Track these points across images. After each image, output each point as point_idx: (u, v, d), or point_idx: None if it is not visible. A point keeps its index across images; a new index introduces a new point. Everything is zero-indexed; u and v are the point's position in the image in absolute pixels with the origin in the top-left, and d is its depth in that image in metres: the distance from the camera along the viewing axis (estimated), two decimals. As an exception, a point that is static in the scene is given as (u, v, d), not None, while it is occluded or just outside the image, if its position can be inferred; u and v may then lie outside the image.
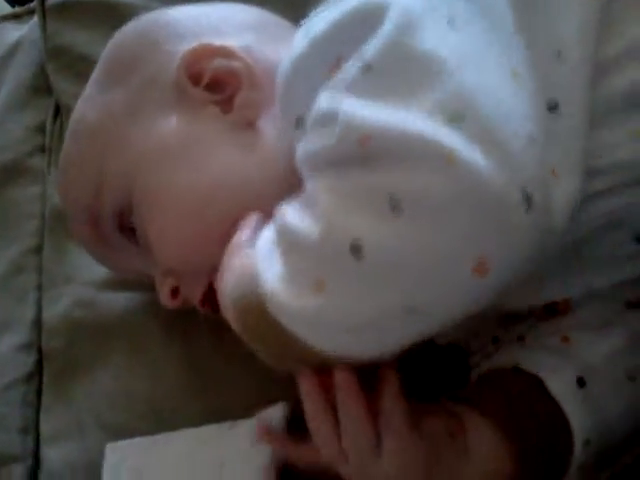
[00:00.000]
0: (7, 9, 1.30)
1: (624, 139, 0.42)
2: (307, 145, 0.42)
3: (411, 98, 0.38)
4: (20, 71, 0.87)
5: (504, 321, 0.54)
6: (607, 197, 0.43)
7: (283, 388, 0.53)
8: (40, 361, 0.69)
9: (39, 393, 0.68)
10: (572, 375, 0.48)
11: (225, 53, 0.53)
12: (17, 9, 1.00)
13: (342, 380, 0.44)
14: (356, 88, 0.40)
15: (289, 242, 0.41)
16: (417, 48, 0.39)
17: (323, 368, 0.45)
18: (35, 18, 0.87)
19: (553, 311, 0.51)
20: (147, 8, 0.76)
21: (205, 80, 0.53)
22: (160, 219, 0.53)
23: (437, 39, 0.40)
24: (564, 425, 0.47)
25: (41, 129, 0.83)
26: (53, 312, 0.70)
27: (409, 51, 0.39)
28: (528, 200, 0.36)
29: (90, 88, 0.59)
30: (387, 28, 0.40)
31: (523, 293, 0.47)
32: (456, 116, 0.37)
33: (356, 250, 0.37)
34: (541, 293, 0.49)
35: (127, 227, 0.56)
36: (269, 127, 0.53)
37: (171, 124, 0.53)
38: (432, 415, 0.48)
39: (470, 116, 0.37)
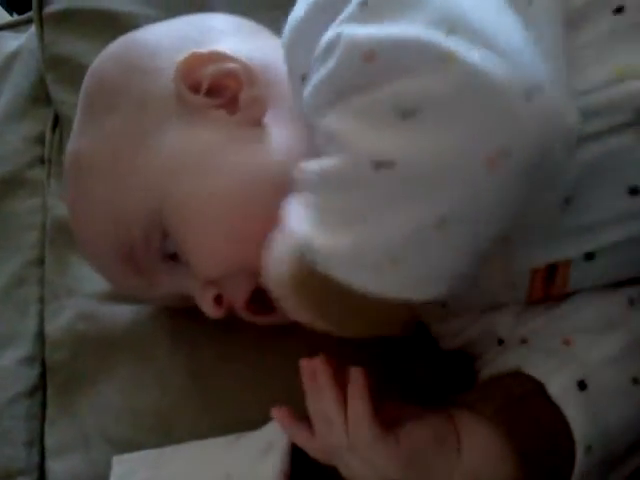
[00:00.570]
0: (6, 17, 1.30)
1: (612, 76, 0.43)
2: (312, 81, 0.42)
3: (406, 17, 0.39)
4: (18, 81, 0.87)
5: (508, 320, 0.54)
6: (599, 140, 0.43)
7: (290, 399, 0.54)
8: (44, 374, 0.69)
9: (43, 406, 0.68)
10: (573, 378, 0.48)
11: (217, 57, 0.53)
12: (15, 18, 0.99)
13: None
14: (354, 17, 0.41)
15: (312, 182, 0.42)
16: None
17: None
18: (33, 27, 0.87)
19: (552, 280, 0.50)
20: (145, 17, 0.77)
21: (204, 87, 0.53)
22: (196, 232, 0.52)
23: None
24: (566, 430, 0.47)
25: (40, 140, 0.83)
26: (56, 325, 0.69)
27: None
28: (528, 92, 0.37)
29: (79, 125, 0.58)
30: None
31: (526, 252, 0.48)
32: (451, 29, 0.38)
33: (381, 166, 0.38)
34: (542, 252, 0.49)
35: (163, 250, 0.55)
36: (277, 122, 0.53)
37: (181, 137, 0.53)
38: (420, 422, 0.48)
39: (463, 28, 0.38)
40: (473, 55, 0.37)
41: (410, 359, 0.57)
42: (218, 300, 0.55)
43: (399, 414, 0.49)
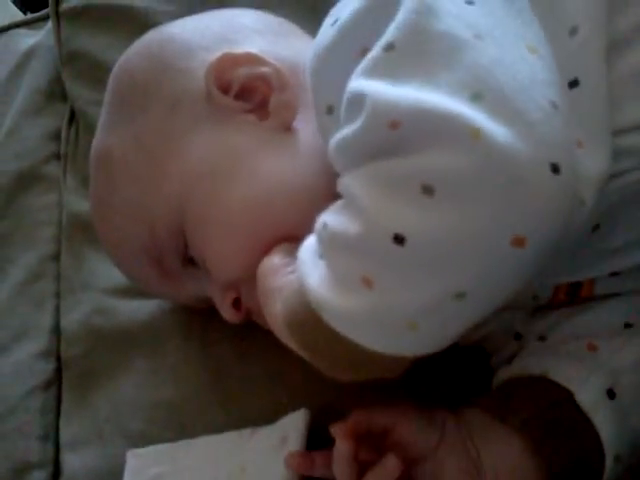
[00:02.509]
0: (19, 16, 1.31)
1: None
2: (338, 136, 0.41)
3: (432, 78, 0.38)
4: (35, 77, 0.87)
5: (526, 315, 0.54)
6: (630, 174, 0.43)
7: (304, 394, 0.54)
8: (59, 368, 0.69)
9: (59, 400, 0.68)
10: (602, 387, 0.48)
11: (250, 59, 0.53)
12: (30, 15, 1.00)
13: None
14: (378, 67, 0.40)
15: (330, 242, 0.41)
16: (435, 27, 0.40)
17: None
18: (49, 24, 0.87)
19: (576, 295, 0.50)
20: (163, 12, 0.77)
21: (235, 89, 0.52)
22: (214, 232, 0.52)
23: (454, 16, 0.40)
24: (594, 438, 0.46)
25: (57, 136, 0.83)
26: (71, 319, 0.70)
27: (428, 30, 0.40)
28: (554, 168, 0.36)
29: (108, 120, 0.57)
30: (405, 9, 0.40)
31: (549, 271, 0.47)
32: (477, 94, 0.37)
33: (399, 240, 0.37)
34: (567, 271, 0.49)
35: (186, 255, 0.55)
36: (306, 126, 0.52)
37: (208, 140, 0.52)
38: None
39: (490, 92, 0.37)
40: (497, 130, 0.36)
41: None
42: (237, 304, 0.55)
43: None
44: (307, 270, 0.42)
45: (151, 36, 0.59)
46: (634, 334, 0.50)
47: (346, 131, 0.40)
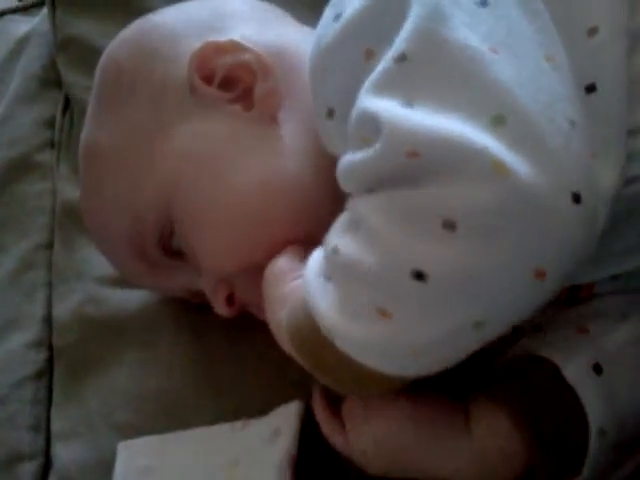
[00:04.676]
0: (13, 1, 1.30)
1: None
2: (350, 157, 0.40)
3: (450, 97, 0.37)
4: (30, 64, 0.86)
5: None
6: (638, 183, 0.42)
7: (297, 386, 0.53)
8: (51, 358, 0.69)
9: (50, 391, 0.67)
10: (588, 362, 0.47)
11: (233, 47, 0.52)
12: (25, 1, 0.99)
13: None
14: (391, 83, 0.39)
15: (342, 270, 0.40)
16: (449, 37, 0.39)
17: None
18: (44, 10, 0.87)
19: (575, 297, 0.51)
20: (158, 0, 0.76)
21: (217, 78, 0.52)
22: (206, 227, 0.51)
23: (468, 25, 0.39)
24: (579, 413, 0.46)
25: (51, 123, 0.82)
26: (64, 309, 0.69)
27: (442, 40, 0.39)
28: (575, 197, 0.36)
29: (95, 114, 0.57)
30: (416, 13, 0.39)
31: None
32: (497, 118, 0.36)
33: (418, 275, 0.36)
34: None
35: (172, 247, 0.54)
36: (292, 116, 0.52)
37: (194, 131, 0.52)
38: (432, 402, 0.48)
39: (511, 116, 0.37)
40: (521, 165, 0.35)
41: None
42: (230, 299, 0.54)
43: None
44: (314, 292, 0.42)
45: (137, 25, 0.59)
46: (626, 320, 0.50)
47: (360, 155, 0.39)
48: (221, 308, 0.54)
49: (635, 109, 0.41)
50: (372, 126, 0.38)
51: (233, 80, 0.52)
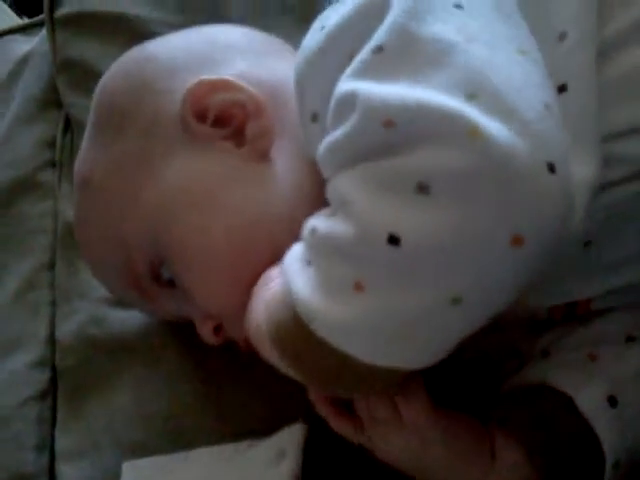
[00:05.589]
0: (16, 21, 1.30)
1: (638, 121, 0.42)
2: (329, 139, 0.40)
3: (424, 77, 0.38)
4: (30, 84, 0.86)
5: (527, 334, 0.53)
6: (620, 186, 0.43)
7: (302, 406, 0.53)
8: (54, 378, 0.69)
9: (54, 410, 0.68)
10: (603, 393, 0.47)
11: (226, 86, 0.52)
12: (26, 21, 0.99)
13: None
14: (369, 69, 0.39)
15: (320, 247, 0.40)
16: (425, 30, 0.39)
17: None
18: (44, 30, 0.87)
19: (573, 313, 0.50)
20: (159, 21, 0.76)
21: (211, 116, 0.52)
22: (197, 268, 0.51)
23: (444, 21, 0.40)
24: (594, 444, 0.46)
25: (51, 143, 0.82)
26: (67, 329, 0.69)
27: (417, 33, 0.39)
28: (550, 167, 0.36)
29: (89, 145, 0.57)
30: (394, 13, 0.40)
31: (544, 291, 0.47)
32: (471, 95, 0.37)
33: (392, 240, 0.36)
34: (561, 291, 0.49)
35: (162, 278, 0.54)
36: (284, 153, 0.52)
37: (184, 168, 0.51)
38: (463, 418, 0.48)
39: (484, 92, 0.37)
40: (494, 127, 0.35)
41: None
42: (217, 330, 0.54)
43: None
44: (293, 278, 0.41)
45: (133, 54, 0.58)
46: (634, 345, 0.50)
47: (337, 133, 0.39)
48: (208, 337, 0.55)
49: (611, 112, 0.42)
50: (349, 103, 0.39)
51: (225, 118, 0.52)
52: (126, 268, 0.54)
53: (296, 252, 0.42)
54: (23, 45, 0.92)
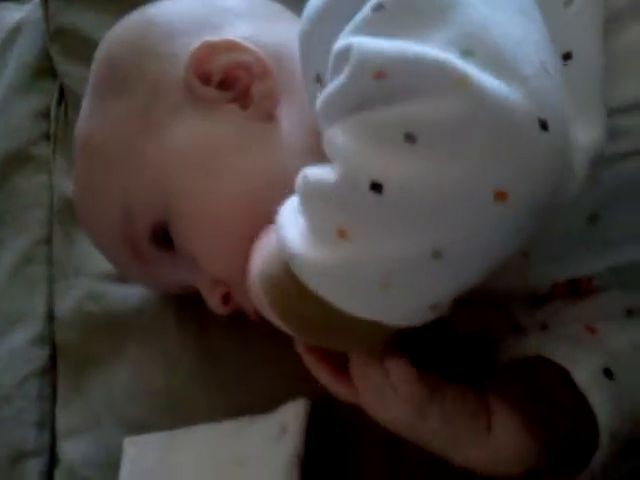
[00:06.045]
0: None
1: None
2: (324, 92, 0.41)
3: (422, 34, 0.38)
4: (23, 53, 0.85)
5: (526, 307, 0.53)
6: (627, 160, 0.42)
7: (304, 381, 0.52)
8: (54, 355, 0.68)
9: (54, 387, 0.67)
10: (598, 366, 0.47)
11: (230, 47, 0.52)
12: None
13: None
14: (368, 26, 0.39)
15: (307, 193, 0.40)
16: None
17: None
18: (37, -2, 0.85)
19: (575, 290, 0.50)
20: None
21: (216, 79, 0.52)
22: (206, 230, 0.51)
23: None
24: (590, 416, 0.46)
25: (46, 114, 0.81)
26: (65, 305, 0.69)
27: None
28: (543, 124, 0.35)
29: (89, 107, 0.57)
30: None
31: (547, 268, 0.48)
32: (467, 50, 0.36)
33: (376, 187, 0.36)
34: (564, 268, 0.48)
35: (164, 242, 0.54)
36: (289, 114, 0.52)
37: (190, 130, 0.52)
38: (459, 390, 0.47)
39: (481, 48, 0.37)
40: (486, 80, 0.35)
41: (426, 340, 0.56)
42: (225, 298, 0.54)
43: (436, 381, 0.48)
44: (285, 227, 0.41)
45: (133, 19, 0.58)
46: (633, 319, 0.49)
47: (331, 85, 0.40)
48: (217, 306, 0.54)
49: (618, 84, 0.41)
50: (343, 57, 0.39)
51: (230, 79, 0.52)
52: (128, 234, 0.54)
53: (290, 203, 0.43)
54: (15, 13, 0.91)
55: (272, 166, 0.51)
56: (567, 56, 0.41)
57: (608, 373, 0.47)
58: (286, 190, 0.43)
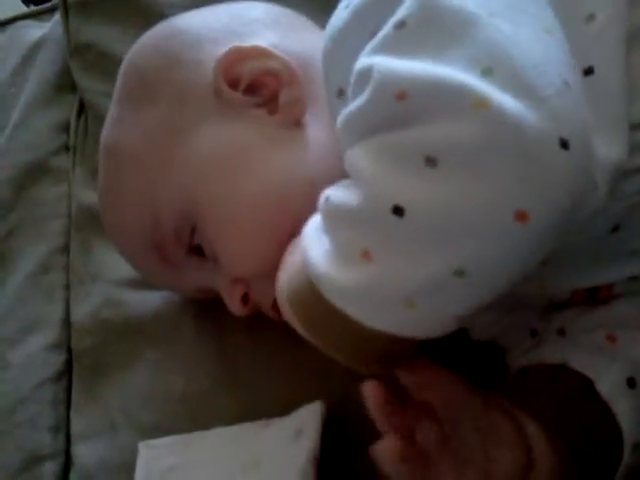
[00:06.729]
0: (22, 9, 1.30)
1: None
2: (345, 111, 0.41)
3: (443, 53, 0.38)
4: (43, 69, 0.87)
5: (544, 313, 0.53)
6: None
7: (319, 385, 0.53)
8: (70, 360, 0.69)
9: (69, 392, 0.68)
10: (622, 376, 0.47)
11: (259, 53, 0.53)
12: (39, 7, 0.99)
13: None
14: (389, 44, 0.40)
15: (331, 215, 0.41)
16: (447, 3, 0.39)
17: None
18: (57, 16, 0.87)
19: (594, 298, 0.50)
20: (171, 4, 0.76)
21: (243, 84, 0.52)
22: (230, 232, 0.52)
23: None
24: (613, 427, 0.46)
25: (65, 127, 0.83)
26: (82, 311, 0.70)
27: (439, 6, 0.39)
28: (563, 143, 0.35)
29: (117, 113, 0.57)
30: None
31: (566, 277, 0.48)
32: (487, 69, 0.37)
33: (398, 211, 0.37)
34: (583, 277, 0.49)
35: (191, 245, 0.54)
36: (315, 121, 0.53)
37: (217, 134, 0.52)
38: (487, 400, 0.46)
39: (501, 67, 0.37)
40: (506, 101, 0.35)
41: (440, 348, 0.57)
42: (244, 299, 0.54)
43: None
44: (309, 244, 0.42)
45: (159, 29, 0.59)
46: None
47: (353, 105, 0.40)
48: (236, 307, 0.55)
49: (638, 100, 0.41)
50: (365, 77, 0.39)
51: (258, 85, 0.53)
52: (154, 237, 0.54)
53: (315, 221, 0.43)
54: (35, 30, 0.92)
55: (297, 171, 0.51)
56: (588, 71, 0.41)
57: (631, 382, 0.47)
58: (310, 195, 0.44)
